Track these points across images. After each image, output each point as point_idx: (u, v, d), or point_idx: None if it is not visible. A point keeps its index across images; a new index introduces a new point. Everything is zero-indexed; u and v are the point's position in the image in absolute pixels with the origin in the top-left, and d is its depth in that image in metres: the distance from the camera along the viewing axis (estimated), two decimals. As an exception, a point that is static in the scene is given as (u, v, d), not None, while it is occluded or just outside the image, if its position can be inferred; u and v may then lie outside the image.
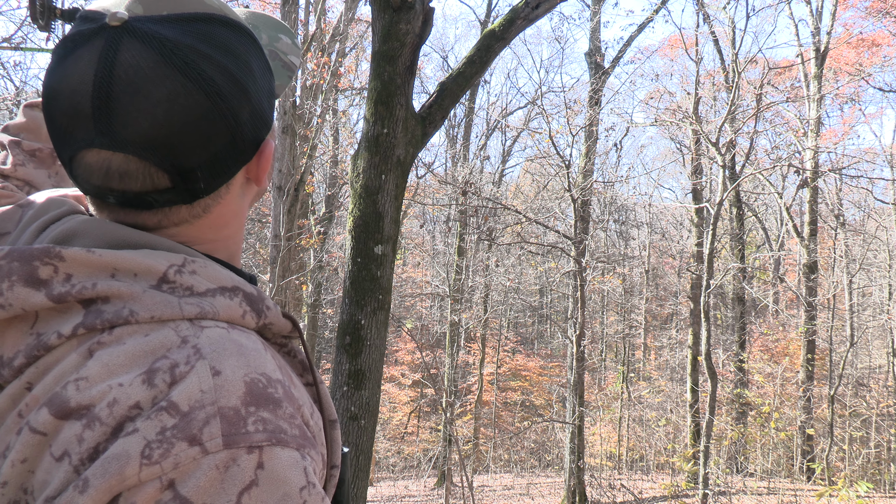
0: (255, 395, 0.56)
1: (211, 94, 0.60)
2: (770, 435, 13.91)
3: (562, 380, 18.33)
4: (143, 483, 0.51)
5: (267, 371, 0.59)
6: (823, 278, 18.01)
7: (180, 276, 0.61)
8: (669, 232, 23.03)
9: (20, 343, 0.59)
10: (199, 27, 0.63)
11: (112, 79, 0.58)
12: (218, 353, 0.57)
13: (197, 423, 0.53)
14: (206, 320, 0.60)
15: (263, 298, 0.66)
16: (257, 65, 0.67)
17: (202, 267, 0.63)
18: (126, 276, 0.60)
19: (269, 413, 0.56)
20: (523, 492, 13.48)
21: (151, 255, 0.61)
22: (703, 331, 10.85)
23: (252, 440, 0.54)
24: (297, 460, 0.56)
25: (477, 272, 15.07)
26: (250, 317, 0.64)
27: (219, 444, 0.53)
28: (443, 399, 12.17)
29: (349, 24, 9.67)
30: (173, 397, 0.53)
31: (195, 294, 0.61)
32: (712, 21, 14.10)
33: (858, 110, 18.50)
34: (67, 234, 0.64)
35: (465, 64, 4.33)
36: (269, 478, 0.54)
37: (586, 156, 13.45)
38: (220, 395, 0.54)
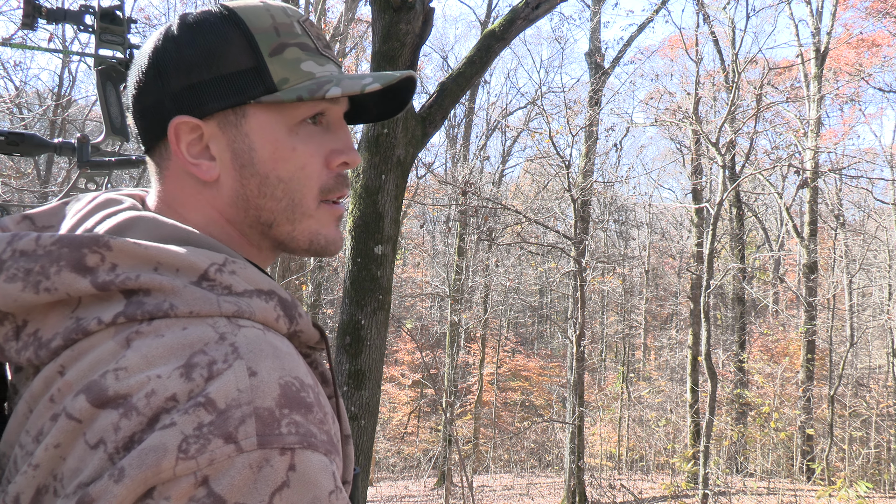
0: (288, 398, 0.57)
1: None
2: (770, 435, 13.91)
3: (562, 380, 18.33)
4: (178, 478, 0.52)
5: (300, 375, 0.60)
6: (823, 278, 18.01)
7: (220, 275, 0.63)
8: (669, 232, 23.02)
9: (60, 326, 0.60)
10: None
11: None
12: (255, 353, 0.58)
13: (233, 422, 0.53)
14: (242, 319, 0.61)
15: (296, 305, 0.67)
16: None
17: (241, 268, 0.65)
18: (169, 270, 0.61)
19: (301, 416, 0.57)
20: (523, 492, 13.48)
21: (195, 253, 0.63)
22: (703, 331, 10.85)
23: (285, 442, 0.54)
24: (326, 464, 0.57)
25: (477, 272, 15.06)
26: (283, 321, 0.65)
27: (253, 444, 0.53)
28: (443, 399, 12.17)
29: (349, 24, 9.67)
30: (211, 394, 0.54)
31: (233, 293, 0.62)
32: (712, 21, 14.10)
33: (858, 110, 18.51)
34: (121, 227, 0.66)
35: (465, 64, 4.32)
36: (300, 480, 0.54)
37: (586, 156, 13.45)
38: (255, 396, 0.55)
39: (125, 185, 4.06)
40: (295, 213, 0.72)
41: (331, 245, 0.75)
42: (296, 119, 0.71)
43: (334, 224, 0.75)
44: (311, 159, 0.71)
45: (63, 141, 1.68)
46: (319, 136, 0.72)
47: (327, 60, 0.73)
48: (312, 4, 9.56)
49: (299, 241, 0.73)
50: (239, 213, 0.71)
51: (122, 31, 1.75)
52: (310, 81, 0.70)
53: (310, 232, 0.73)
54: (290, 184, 0.71)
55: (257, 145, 0.70)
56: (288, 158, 0.70)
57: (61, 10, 1.73)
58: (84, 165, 1.70)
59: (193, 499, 0.51)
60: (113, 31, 1.73)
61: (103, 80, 1.74)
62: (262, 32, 0.70)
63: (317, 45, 0.73)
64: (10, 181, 9.40)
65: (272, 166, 0.70)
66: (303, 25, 0.73)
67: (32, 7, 1.46)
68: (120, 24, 1.74)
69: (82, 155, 1.69)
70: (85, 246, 0.61)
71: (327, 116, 0.73)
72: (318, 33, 0.75)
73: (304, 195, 0.72)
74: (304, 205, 0.72)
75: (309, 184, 0.71)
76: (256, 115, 0.70)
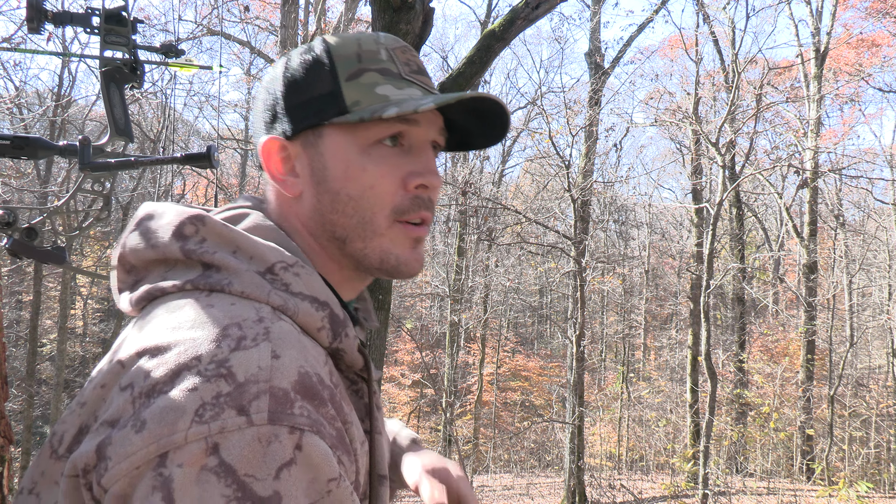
0: (305, 386, 0.60)
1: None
2: (770, 435, 13.91)
3: (562, 380, 18.33)
4: (189, 443, 0.54)
5: (321, 373, 0.63)
6: (823, 278, 18.01)
7: (284, 273, 0.68)
8: (669, 232, 23.03)
9: (152, 282, 0.69)
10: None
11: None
12: (283, 341, 0.62)
13: (248, 395, 0.57)
14: (285, 315, 0.66)
15: (347, 325, 0.70)
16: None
17: (307, 274, 0.70)
18: (243, 255, 0.69)
19: (312, 406, 0.59)
20: (523, 492, 13.49)
21: (270, 249, 0.70)
22: (703, 331, 10.86)
23: (295, 422, 0.57)
24: (330, 454, 0.59)
25: (477, 272, 15.07)
26: (326, 333, 0.69)
27: (264, 419, 0.56)
28: (443, 399, 12.18)
29: (349, 24, 9.67)
30: (233, 366, 0.58)
31: (289, 292, 0.67)
32: (712, 21, 14.11)
33: (858, 110, 18.52)
34: (234, 217, 0.75)
35: (465, 64, 4.33)
36: (305, 460, 0.57)
37: (586, 156, 13.45)
38: (273, 376, 0.58)
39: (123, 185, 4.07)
40: (365, 231, 0.75)
41: (402, 266, 0.76)
42: (369, 140, 0.74)
43: (409, 245, 0.76)
44: (382, 179, 0.74)
45: (68, 143, 1.69)
46: (396, 158, 0.75)
47: (410, 85, 0.76)
48: (312, 4, 9.56)
49: (371, 259, 0.76)
50: (317, 227, 0.76)
51: (127, 32, 1.75)
52: (378, 104, 0.73)
53: (381, 250, 0.75)
54: (359, 202, 0.74)
55: (330, 164, 0.74)
56: (357, 177, 0.74)
57: (67, 12, 1.73)
58: (85, 167, 1.71)
59: (206, 467, 0.54)
60: (118, 32, 1.74)
61: (107, 81, 1.75)
62: (344, 59, 0.75)
63: (402, 70, 0.77)
64: (10, 181, 9.40)
65: (343, 184, 0.74)
66: (391, 52, 0.77)
67: (37, 11, 1.46)
68: (125, 25, 1.75)
69: (84, 157, 1.69)
70: (187, 218, 0.70)
71: (408, 139, 0.76)
72: (408, 59, 0.78)
73: (375, 213, 0.74)
74: (374, 223, 0.75)
75: (380, 203, 0.74)
76: (331, 136, 0.74)
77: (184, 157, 1.73)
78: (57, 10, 1.74)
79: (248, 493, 0.54)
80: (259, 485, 0.54)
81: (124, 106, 1.77)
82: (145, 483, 0.54)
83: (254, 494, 0.54)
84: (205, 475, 0.54)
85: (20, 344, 15.86)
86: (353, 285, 0.81)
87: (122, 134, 1.78)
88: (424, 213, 0.76)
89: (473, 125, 0.82)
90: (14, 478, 2.71)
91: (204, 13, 11.86)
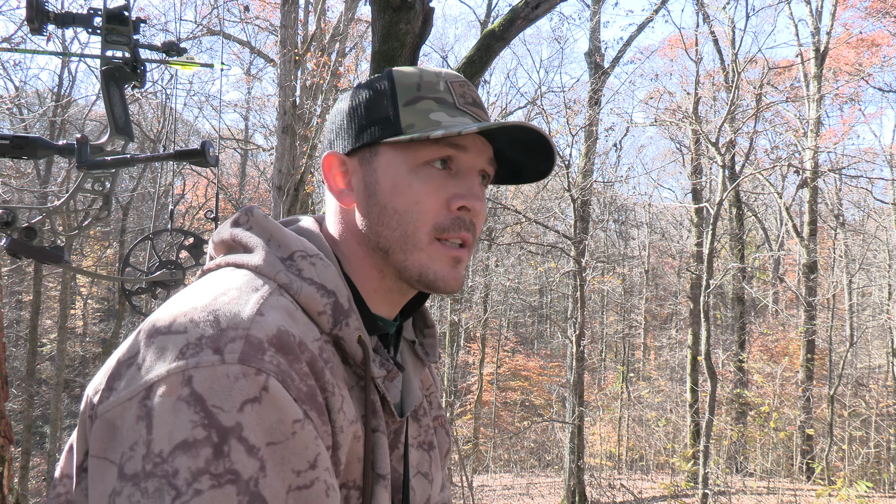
0: (281, 341, 0.66)
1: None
2: (769, 435, 13.92)
3: (561, 380, 18.33)
4: (170, 374, 0.62)
5: (305, 341, 0.69)
6: (823, 278, 18.01)
7: (301, 261, 0.77)
8: (669, 232, 23.03)
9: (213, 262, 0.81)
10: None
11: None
12: (274, 308, 0.69)
13: (226, 339, 0.64)
14: (287, 293, 0.73)
15: (349, 316, 0.76)
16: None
17: (323, 266, 0.77)
18: (273, 243, 0.79)
19: (285, 360, 0.66)
20: (523, 492, 13.49)
21: (297, 240, 0.79)
22: (703, 331, 10.86)
23: (262, 366, 0.63)
24: (293, 402, 0.64)
25: (477, 272, 15.07)
26: (326, 318, 0.74)
27: (235, 359, 0.63)
28: (443, 399, 12.17)
29: (349, 24, 9.67)
30: (220, 315, 0.66)
31: (299, 275, 0.75)
32: (712, 21, 14.11)
33: (858, 110, 18.52)
34: (289, 220, 0.87)
35: (465, 64, 4.33)
36: (270, 401, 0.62)
37: (586, 156, 13.45)
38: (252, 326, 0.66)
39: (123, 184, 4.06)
40: (407, 244, 0.80)
41: (439, 281, 0.81)
42: (419, 160, 0.80)
43: (448, 263, 0.81)
44: (426, 197, 0.80)
45: (67, 143, 1.69)
46: (443, 180, 0.81)
47: (463, 114, 0.82)
48: (312, 4, 9.56)
49: (410, 271, 0.81)
50: (365, 237, 0.83)
51: (128, 32, 1.75)
52: (430, 127, 0.80)
53: (420, 264, 0.81)
54: (403, 216, 0.80)
55: (381, 179, 0.81)
56: (404, 193, 0.80)
57: (69, 13, 1.73)
58: (83, 166, 1.71)
59: (180, 397, 0.61)
60: (119, 32, 1.74)
61: (107, 80, 1.74)
62: (405, 88, 0.83)
63: (456, 101, 0.83)
64: (10, 181, 9.40)
65: (390, 198, 0.80)
66: (449, 84, 0.84)
67: (39, 12, 1.47)
68: (126, 25, 1.75)
69: (81, 156, 1.70)
70: (243, 210, 0.82)
71: (457, 164, 0.82)
72: (464, 92, 0.85)
73: (417, 228, 0.80)
74: (416, 237, 0.80)
75: (423, 219, 0.80)
76: (385, 154, 0.81)
77: (178, 153, 1.73)
78: (59, 12, 1.74)
79: (213, 420, 0.60)
80: (224, 415, 0.60)
81: (124, 105, 1.77)
82: (131, 413, 0.62)
83: (217, 423, 0.60)
84: (178, 404, 0.61)
85: (20, 344, 15.86)
86: (393, 298, 0.86)
87: (122, 133, 1.78)
88: (465, 234, 0.81)
89: (522, 157, 0.87)
90: (14, 478, 2.74)
91: (204, 13, 11.86)
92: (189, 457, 0.59)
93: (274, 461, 0.62)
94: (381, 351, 0.84)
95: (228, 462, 0.59)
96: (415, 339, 0.95)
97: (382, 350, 0.84)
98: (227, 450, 0.60)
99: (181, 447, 0.59)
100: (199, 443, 0.59)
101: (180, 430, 0.60)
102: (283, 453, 0.62)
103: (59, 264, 1.69)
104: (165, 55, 2.04)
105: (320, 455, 0.65)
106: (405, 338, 0.94)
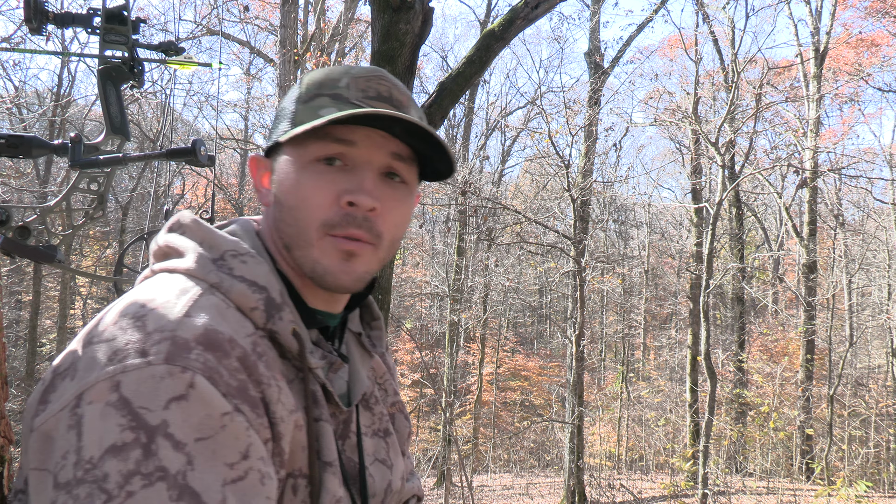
0: (209, 339, 0.68)
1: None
2: (769, 435, 13.91)
3: (561, 380, 18.33)
4: (99, 382, 0.63)
5: (236, 338, 0.70)
6: (823, 278, 18.01)
7: (231, 260, 0.78)
8: (669, 232, 23.03)
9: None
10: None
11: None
12: (202, 308, 0.71)
13: (151, 342, 0.65)
14: (219, 292, 0.75)
15: (282, 310, 0.77)
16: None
17: (254, 263, 0.79)
18: (206, 245, 0.80)
19: (213, 357, 0.67)
20: (523, 492, 13.49)
21: (227, 241, 0.80)
22: (703, 331, 10.86)
23: (188, 364, 0.65)
24: (220, 397, 0.65)
25: (476, 272, 15.06)
26: (259, 314, 0.76)
27: (160, 360, 0.64)
28: (442, 399, 12.16)
29: (349, 24, 9.67)
30: (147, 320, 0.67)
31: (230, 274, 0.77)
32: (712, 21, 14.10)
33: (858, 110, 18.50)
34: (228, 222, 0.89)
35: (465, 64, 4.33)
36: (197, 396, 0.64)
37: (585, 156, 13.45)
38: (178, 327, 0.67)
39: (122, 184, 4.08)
40: (300, 240, 0.81)
41: (328, 276, 0.81)
42: (308, 157, 0.81)
43: (337, 257, 0.80)
44: (313, 193, 0.80)
45: (62, 142, 1.69)
46: (333, 175, 0.80)
47: (357, 108, 0.80)
48: (312, 4, 9.57)
49: (305, 267, 0.82)
50: (276, 234, 0.84)
51: (127, 31, 1.75)
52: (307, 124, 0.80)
53: (311, 260, 0.81)
54: (295, 212, 0.81)
55: (280, 178, 0.83)
56: (294, 190, 0.81)
57: (69, 13, 1.73)
58: (76, 165, 1.71)
59: (108, 402, 0.62)
60: (118, 32, 1.74)
61: (104, 80, 1.74)
62: (309, 86, 0.84)
63: (353, 96, 0.82)
64: (9, 181, 9.40)
65: (285, 196, 0.82)
66: (353, 80, 0.84)
67: (38, 12, 1.47)
68: (125, 24, 1.75)
69: (75, 155, 1.70)
70: (174, 218, 0.83)
71: (348, 159, 0.81)
72: (367, 87, 0.84)
73: (308, 225, 0.80)
74: (307, 233, 0.80)
75: (312, 215, 0.80)
76: (285, 153, 0.83)
77: (169, 151, 1.73)
78: (59, 12, 1.73)
79: (140, 421, 0.61)
80: (150, 415, 0.62)
81: (121, 104, 1.77)
82: (63, 422, 0.63)
83: (145, 423, 0.61)
84: (107, 409, 0.62)
85: (20, 344, 15.85)
86: (318, 293, 0.86)
87: (118, 132, 1.77)
88: (355, 230, 0.80)
89: (427, 150, 0.85)
90: (14, 478, 2.76)
91: (203, 13, 11.86)
92: (119, 460, 0.60)
93: (204, 455, 0.63)
94: (322, 343, 0.85)
95: (157, 460, 0.60)
96: (361, 331, 0.97)
97: (324, 342, 0.85)
98: (154, 448, 0.61)
99: (111, 451, 0.60)
100: (129, 445, 0.60)
101: (109, 435, 0.61)
102: (213, 447, 0.63)
103: (51, 263, 1.68)
104: (164, 55, 2.04)
105: (252, 445, 0.66)
106: (351, 330, 0.96)
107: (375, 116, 0.79)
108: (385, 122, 0.80)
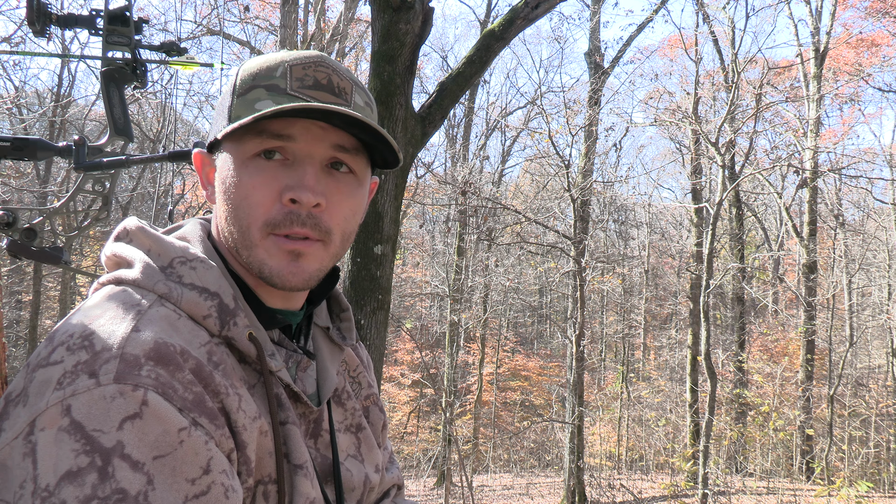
0: (159, 353, 0.66)
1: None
2: (769, 435, 13.92)
3: (561, 380, 18.33)
4: (49, 407, 0.61)
5: (189, 349, 0.69)
6: (823, 278, 18.01)
7: (181, 267, 0.75)
8: (669, 232, 23.03)
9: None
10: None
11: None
12: (151, 321, 0.68)
13: (100, 362, 0.63)
14: (169, 301, 0.72)
15: (237, 315, 0.75)
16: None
17: (204, 269, 0.76)
18: (153, 254, 0.77)
19: (165, 371, 0.65)
20: (523, 492, 13.49)
21: (175, 247, 0.77)
22: (703, 331, 10.86)
23: (139, 381, 0.63)
24: (176, 412, 0.64)
25: (476, 272, 15.06)
26: (213, 322, 0.73)
27: (110, 379, 0.62)
28: (442, 399, 12.17)
29: (349, 24, 9.68)
30: (94, 339, 0.65)
31: (179, 282, 0.74)
32: (712, 21, 14.10)
33: (858, 110, 18.50)
34: (178, 224, 0.85)
35: (465, 64, 4.33)
36: (151, 414, 0.62)
37: (586, 156, 13.45)
38: (127, 344, 0.65)
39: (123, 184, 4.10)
40: (245, 240, 0.77)
41: (275, 277, 0.77)
42: (247, 153, 0.76)
43: (284, 257, 0.77)
44: (254, 191, 0.76)
45: (67, 144, 1.70)
46: (273, 171, 0.76)
47: (295, 99, 0.76)
48: (312, 4, 9.57)
49: (252, 267, 0.78)
50: (223, 235, 0.81)
51: (130, 32, 1.76)
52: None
53: (258, 261, 0.77)
54: (236, 212, 0.77)
55: (220, 176, 0.79)
56: (235, 188, 0.77)
57: (72, 15, 1.74)
58: (80, 167, 1.72)
59: (61, 427, 0.60)
60: (120, 33, 1.74)
61: (107, 81, 1.75)
62: (245, 78, 0.79)
63: (290, 86, 0.77)
64: (9, 181, 9.40)
65: (226, 196, 0.78)
66: (289, 69, 0.78)
67: (41, 13, 1.47)
68: (128, 25, 1.75)
69: (78, 157, 1.70)
70: (121, 225, 0.80)
71: (288, 153, 0.76)
72: (304, 75, 0.78)
73: (250, 224, 0.76)
74: (250, 234, 0.77)
75: (254, 214, 0.76)
76: (225, 150, 0.79)
77: (171, 154, 1.74)
78: (62, 14, 1.74)
79: (94, 445, 0.60)
80: (105, 437, 0.60)
81: (124, 106, 1.78)
82: (18, 451, 0.61)
83: (99, 446, 0.60)
84: (60, 435, 0.60)
85: (20, 344, 15.85)
86: (274, 292, 0.82)
87: (122, 134, 1.78)
88: (300, 228, 0.76)
89: (372, 140, 0.81)
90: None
91: (204, 13, 11.86)
92: (75, 486, 0.58)
93: (164, 473, 0.61)
94: (285, 343, 0.83)
95: (114, 482, 0.59)
96: (329, 325, 0.93)
97: (287, 342, 0.83)
98: (111, 471, 0.59)
99: (66, 478, 0.59)
100: (84, 470, 0.59)
101: (64, 461, 0.59)
102: (172, 464, 0.62)
103: (58, 265, 1.69)
104: (165, 55, 2.04)
105: (213, 458, 0.65)
106: (318, 325, 0.92)
107: (310, 110, 0.74)
108: (323, 114, 0.75)
